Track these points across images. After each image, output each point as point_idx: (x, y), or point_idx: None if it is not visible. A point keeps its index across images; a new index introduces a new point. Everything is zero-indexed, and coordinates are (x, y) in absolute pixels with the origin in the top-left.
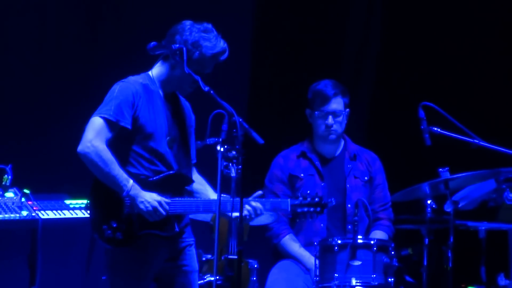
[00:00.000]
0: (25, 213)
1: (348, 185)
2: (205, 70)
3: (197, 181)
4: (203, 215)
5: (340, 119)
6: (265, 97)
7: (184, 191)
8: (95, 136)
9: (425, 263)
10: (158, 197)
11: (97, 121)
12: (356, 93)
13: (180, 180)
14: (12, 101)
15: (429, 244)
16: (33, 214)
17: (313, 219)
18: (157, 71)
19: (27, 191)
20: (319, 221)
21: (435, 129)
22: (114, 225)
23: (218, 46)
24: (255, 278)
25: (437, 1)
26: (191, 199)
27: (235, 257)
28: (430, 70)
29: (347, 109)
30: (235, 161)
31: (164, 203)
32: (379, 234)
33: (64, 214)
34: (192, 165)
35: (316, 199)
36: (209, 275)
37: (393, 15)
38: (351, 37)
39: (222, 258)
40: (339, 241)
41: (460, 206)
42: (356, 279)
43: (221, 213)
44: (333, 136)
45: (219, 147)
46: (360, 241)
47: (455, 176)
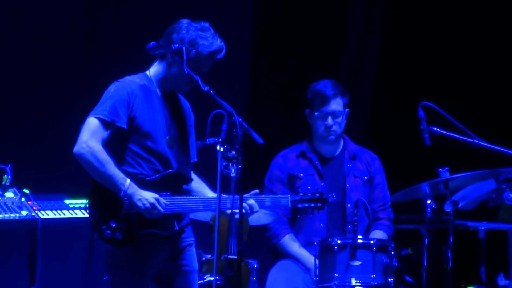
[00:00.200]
0: (24, 213)
1: (348, 185)
2: (202, 69)
3: (194, 180)
4: (203, 215)
5: (340, 119)
6: (264, 97)
7: (182, 190)
8: (90, 137)
9: (425, 263)
10: (155, 195)
11: (92, 121)
12: (356, 93)
13: (179, 179)
14: (12, 101)
15: (428, 244)
16: (33, 214)
17: (314, 214)
18: (154, 70)
19: (26, 191)
20: (318, 220)
21: (435, 129)
22: (114, 225)
23: (215, 44)
24: (255, 278)
25: (437, 1)
26: (190, 197)
27: (235, 257)
28: (430, 70)
29: (347, 109)
30: (234, 161)
31: (162, 200)
32: (378, 234)
33: (64, 214)
34: (192, 164)
35: (317, 194)
36: (209, 275)
37: (393, 14)
38: (351, 37)
39: (222, 258)
40: (338, 241)
41: (459, 206)
42: (355, 279)
43: (220, 211)
44: (332, 137)
45: (218, 147)
46: (359, 241)
47: (454, 176)
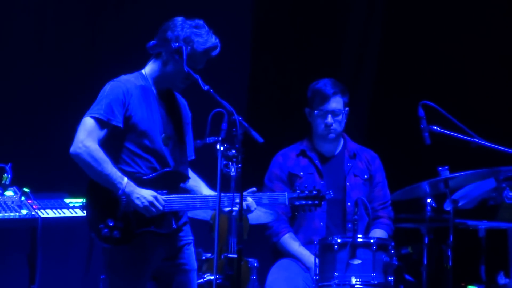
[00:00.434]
0: (24, 212)
1: (348, 183)
2: (197, 66)
3: (191, 178)
4: (203, 214)
5: (340, 118)
6: (264, 96)
7: (179, 188)
8: (86, 136)
9: (425, 262)
10: (153, 193)
11: (88, 121)
12: (356, 91)
13: (176, 177)
14: (11, 100)
15: (429, 243)
16: (33, 213)
17: (311, 211)
18: (149, 68)
19: (26, 190)
20: (318, 219)
21: (435, 128)
22: (111, 224)
23: (209, 41)
24: (255, 277)
25: (437, 0)
26: (187, 195)
27: (235, 255)
28: (430, 69)
29: (347, 108)
30: (234, 160)
31: (160, 198)
32: (378, 233)
33: (64, 213)
34: (189, 162)
35: (314, 192)
36: (209, 274)
37: (393, 13)
38: (351, 35)
39: (222, 257)
40: (338, 240)
41: (459, 205)
42: (355, 278)
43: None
44: (332, 135)
45: (218, 146)
46: (359, 239)
47: (454, 175)
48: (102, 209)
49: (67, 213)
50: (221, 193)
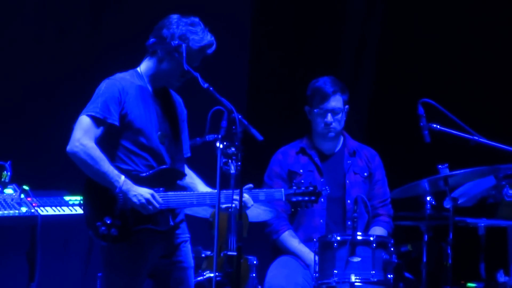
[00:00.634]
0: (24, 209)
1: (348, 181)
2: (192, 64)
3: (188, 175)
4: (203, 212)
5: (339, 116)
6: (264, 94)
7: (176, 185)
8: (83, 135)
9: (425, 259)
10: (151, 190)
11: (84, 119)
12: (356, 89)
13: (172, 174)
14: (11, 97)
15: (428, 241)
16: (32, 211)
17: (308, 208)
18: (144, 66)
19: (26, 187)
20: (318, 217)
21: (435, 126)
22: (108, 222)
23: (205, 39)
24: (254, 275)
25: None
26: (184, 192)
27: (235, 253)
28: (430, 67)
29: (346, 106)
30: (234, 157)
31: (157, 195)
32: (378, 231)
33: (63, 211)
34: (185, 159)
35: (310, 188)
36: (208, 272)
37: (392, 10)
38: (350, 33)
39: (222, 255)
40: (338, 238)
41: (459, 202)
42: (355, 276)
43: (214, 206)
44: (332, 134)
45: (218, 144)
46: (359, 237)
47: (454, 172)
48: (99, 207)
49: (66, 210)
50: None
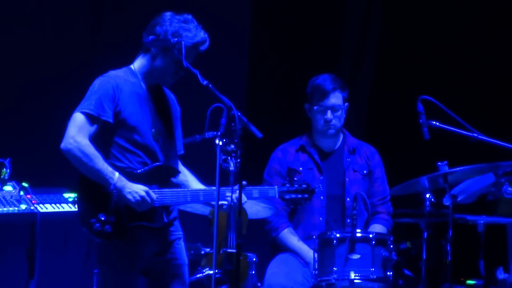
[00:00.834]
0: (23, 206)
1: (347, 179)
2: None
3: (182, 172)
4: (202, 209)
5: (339, 113)
6: (263, 91)
7: (170, 182)
8: (77, 132)
9: (424, 256)
10: (145, 187)
11: (78, 117)
12: (355, 86)
13: (166, 171)
14: (11, 95)
15: (427, 238)
16: (32, 208)
17: (301, 205)
18: (138, 64)
19: (25, 184)
20: (318, 214)
21: (434, 123)
22: (103, 218)
23: (198, 36)
24: (253, 272)
25: None
26: (178, 189)
27: (234, 250)
28: (429, 64)
29: (346, 103)
30: (233, 154)
31: (152, 192)
32: (377, 228)
33: (63, 208)
34: (179, 156)
35: (303, 185)
36: (208, 269)
37: (392, 7)
38: (350, 30)
39: (221, 252)
40: (337, 235)
41: (458, 199)
42: (354, 273)
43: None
44: (332, 131)
45: (217, 141)
46: (358, 234)
47: (453, 169)
48: (93, 204)
49: (66, 207)
50: (213, 187)
